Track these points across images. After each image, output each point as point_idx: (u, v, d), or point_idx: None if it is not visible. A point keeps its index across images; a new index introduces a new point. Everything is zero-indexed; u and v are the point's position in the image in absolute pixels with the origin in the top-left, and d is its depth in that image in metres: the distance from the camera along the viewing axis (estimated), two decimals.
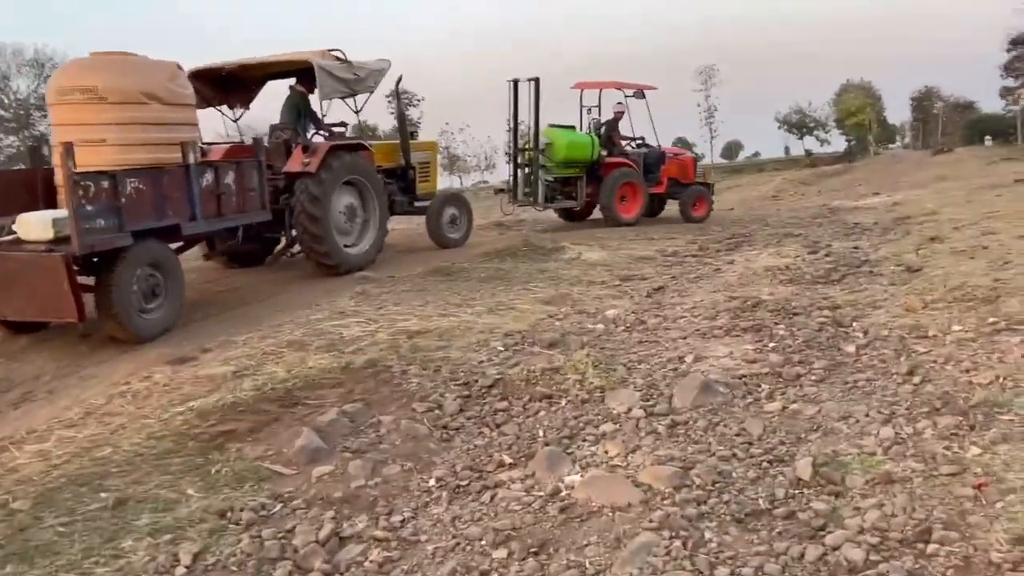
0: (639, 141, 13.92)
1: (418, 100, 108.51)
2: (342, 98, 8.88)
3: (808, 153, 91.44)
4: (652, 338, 5.48)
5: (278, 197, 8.06)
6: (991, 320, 4.74)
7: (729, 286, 6.94)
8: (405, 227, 12.09)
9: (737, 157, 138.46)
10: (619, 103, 13.49)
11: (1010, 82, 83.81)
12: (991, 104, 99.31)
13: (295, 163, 8.03)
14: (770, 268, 7.57)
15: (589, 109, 13.63)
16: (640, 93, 13.49)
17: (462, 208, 10.57)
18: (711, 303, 6.21)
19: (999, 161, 21.37)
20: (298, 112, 8.93)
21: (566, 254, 9.24)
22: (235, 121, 9.67)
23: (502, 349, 5.31)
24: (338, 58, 8.63)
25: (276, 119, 9.03)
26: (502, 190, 13.78)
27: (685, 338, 5.37)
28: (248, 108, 9.60)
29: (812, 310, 5.68)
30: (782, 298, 6.13)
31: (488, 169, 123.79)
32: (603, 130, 13.29)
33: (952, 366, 4.16)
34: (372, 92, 9.16)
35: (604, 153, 12.93)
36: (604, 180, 12.70)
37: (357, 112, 9.36)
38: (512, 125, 13.16)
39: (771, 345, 5.00)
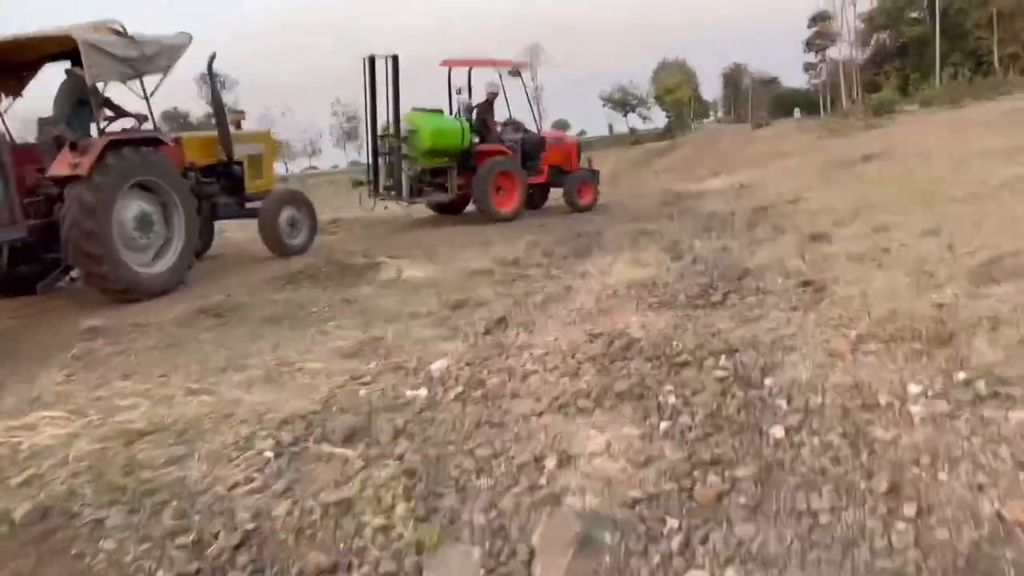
0: (516, 125, 12.63)
1: (232, 83, 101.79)
2: (123, 81, 7.40)
3: (632, 131, 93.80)
4: (495, 416, 3.72)
5: (52, 207, 6.89)
6: (961, 376, 3.37)
7: (587, 314, 5.32)
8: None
9: (537, 125, 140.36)
10: (492, 83, 12.12)
11: (811, 57, 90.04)
12: (793, 79, 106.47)
13: (61, 165, 6.66)
14: (632, 284, 6.06)
15: (459, 90, 12.22)
16: (516, 71, 12.03)
17: (302, 208, 9.28)
18: (569, 345, 4.55)
19: (826, 135, 21.46)
20: (78, 101, 7.21)
21: (383, 273, 7.35)
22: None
23: (272, 455, 3.39)
24: (116, 32, 7.00)
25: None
26: (361, 182, 12.04)
27: (540, 415, 3.64)
28: (19, 96, 8.03)
29: (704, 356, 4.14)
30: (658, 334, 4.56)
31: (314, 155, 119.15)
32: (475, 114, 11.96)
33: (948, 474, 2.70)
34: (166, 73, 7.77)
35: (476, 140, 11.63)
36: (477, 170, 11.35)
37: (147, 98, 7.69)
38: (370, 108, 11.41)
39: (662, 427, 3.36)
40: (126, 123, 7.95)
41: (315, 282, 7.09)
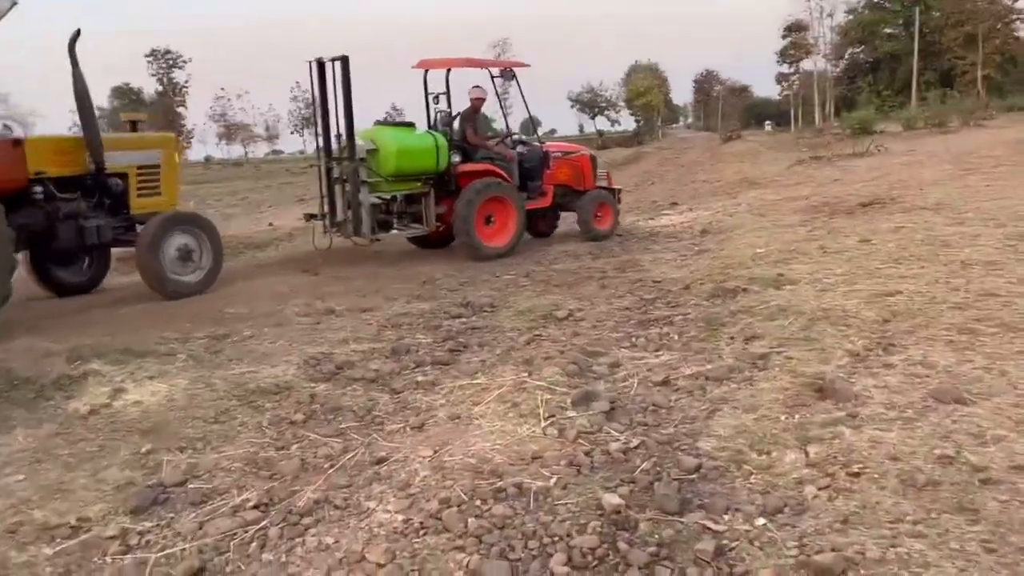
0: (514, 138, 10.26)
1: (184, 62, 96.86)
2: None
3: (600, 133, 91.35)
4: None
5: None
6: None
7: (398, 534, 2.48)
8: None
9: (537, 132, 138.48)
10: (477, 86, 9.69)
11: (784, 68, 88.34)
12: (764, 89, 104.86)
13: None
14: (495, 468, 3.22)
15: (436, 98, 9.61)
16: (509, 72, 9.42)
17: (201, 235, 7.45)
18: None
19: (806, 159, 18.67)
20: None
21: (80, 401, 4.31)
22: None
23: None
24: None
25: None
26: (313, 216, 9.09)
27: None
28: None
29: None
30: None
31: (272, 139, 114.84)
32: (456, 126, 9.55)
33: None
34: None
35: (458, 159, 9.11)
36: (460, 195, 8.88)
37: None
38: (321, 123, 8.89)
39: None
40: None
41: None
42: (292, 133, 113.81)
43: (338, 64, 8.46)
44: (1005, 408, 3.21)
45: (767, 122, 74.72)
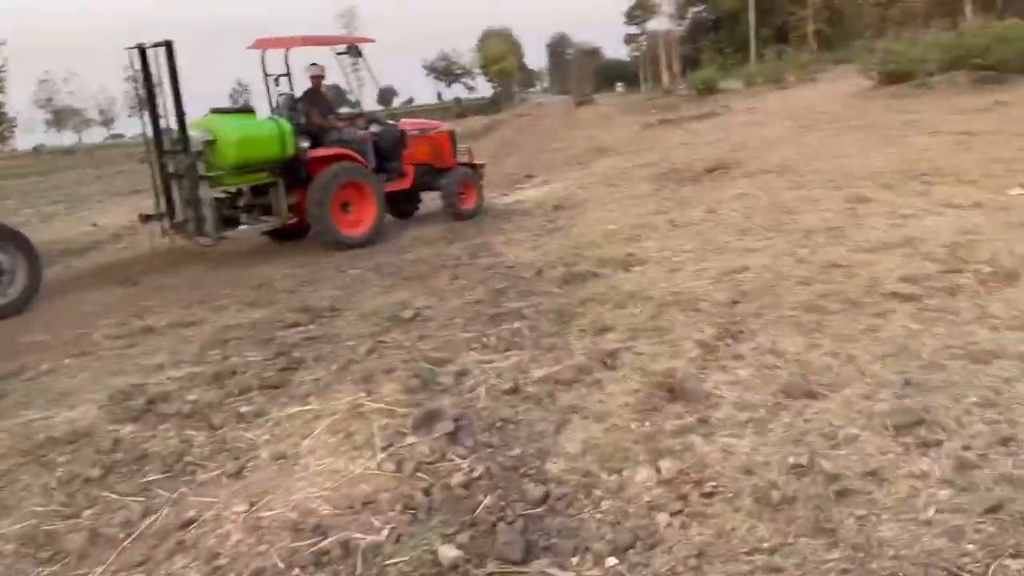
0: (367, 118, 9.64)
1: None
2: None
3: (458, 101, 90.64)
4: None
5: None
6: None
7: None
8: None
9: (392, 104, 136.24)
10: (313, 64, 9.08)
11: (632, 29, 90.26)
12: (615, 51, 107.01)
13: None
14: (320, 522, 2.84)
15: (276, 80, 8.94)
16: (354, 49, 8.72)
17: (15, 252, 6.75)
18: None
19: (654, 122, 18.90)
20: None
21: None
22: None
23: None
24: None
25: None
26: (150, 216, 8.05)
27: None
28: None
29: None
30: None
31: (108, 123, 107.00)
32: (300, 109, 8.83)
33: None
34: None
35: (306, 145, 8.43)
36: (312, 183, 8.24)
37: None
38: (150, 115, 8.05)
39: None
40: None
41: None
42: (130, 116, 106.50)
43: (162, 51, 7.67)
44: (855, 400, 3.08)
45: (618, 84, 76.24)
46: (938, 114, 12.15)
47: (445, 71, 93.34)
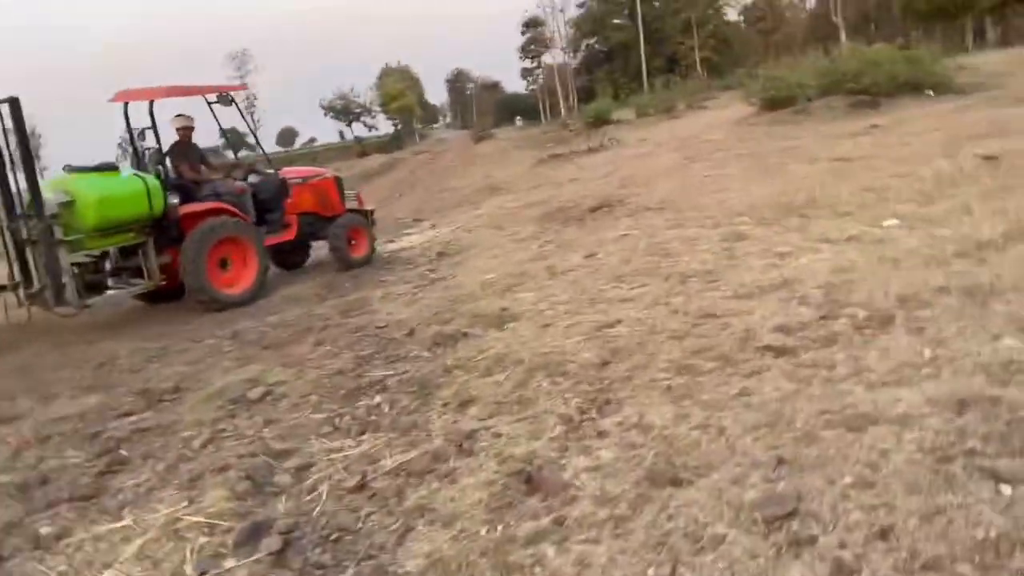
0: (245, 168, 9.19)
1: None
2: None
3: (358, 139, 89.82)
4: None
5: None
6: None
7: None
8: None
9: (294, 144, 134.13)
10: (179, 115, 8.59)
11: (527, 63, 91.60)
12: (514, 84, 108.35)
13: None
14: None
15: (141, 133, 8.40)
16: (226, 97, 8.18)
17: None
18: None
19: (547, 159, 18.79)
20: None
21: None
22: None
23: None
24: None
25: None
26: (3, 287, 7.29)
27: None
28: None
29: None
30: None
31: None
32: (168, 163, 8.36)
33: None
34: None
35: (176, 201, 7.94)
36: (185, 241, 7.77)
37: None
38: None
39: None
40: None
41: None
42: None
43: (5, 107, 7.06)
44: (723, 487, 2.73)
45: (517, 118, 77.09)
46: (816, 140, 12.36)
47: (344, 110, 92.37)
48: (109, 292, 7.74)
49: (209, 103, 8.46)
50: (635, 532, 2.61)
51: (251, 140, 9.69)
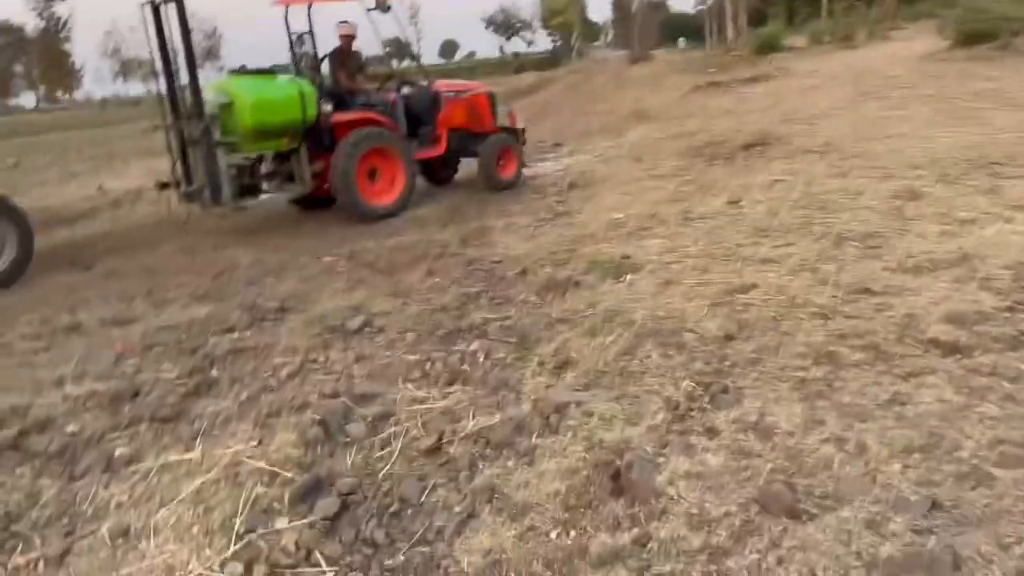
0: (400, 79, 9.00)
1: None
2: None
3: (516, 55, 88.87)
4: None
5: None
6: None
7: None
8: None
9: (454, 57, 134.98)
10: (344, 22, 8.55)
11: None
12: (682, 3, 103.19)
13: None
14: None
15: (299, 37, 8.34)
16: (383, 4, 7.91)
17: (6, 223, 6.48)
18: None
19: (705, 85, 17.52)
20: None
21: None
22: None
23: None
24: None
25: None
26: (166, 184, 7.50)
27: None
28: None
29: None
30: None
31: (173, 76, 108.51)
32: (325, 68, 8.40)
33: None
34: None
35: (329, 108, 7.90)
36: (336, 149, 7.70)
37: None
38: (165, 78, 7.41)
39: None
40: None
41: None
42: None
43: (173, 7, 7.05)
44: (855, 531, 2.16)
45: (680, 39, 73.42)
46: (1021, 83, 10.68)
47: (504, 25, 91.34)
48: (263, 196, 7.84)
49: (367, 9, 8.25)
50: (732, 575, 2.11)
51: (397, 57, 9.33)
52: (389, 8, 8.28)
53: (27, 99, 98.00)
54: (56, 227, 8.90)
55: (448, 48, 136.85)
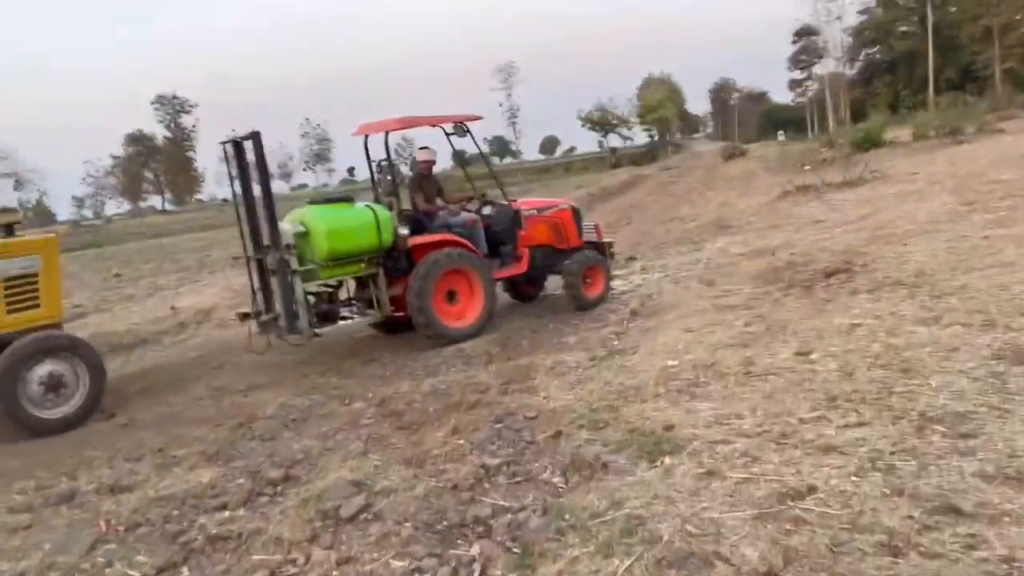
0: (479, 200, 8.97)
1: (190, 107, 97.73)
2: None
3: (613, 151, 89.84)
4: None
5: None
6: None
7: None
8: None
9: (555, 153, 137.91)
10: (424, 148, 8.85)
11: (796, 74, 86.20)
12: (782, 94, 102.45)
13: None
14: None
15: (379, 164, 8.93)
16: (462, 127, 7.99)
17: (75, 362, 6.46)
18: None
19: (795, 190, 16.67)
20: None
21: None
22: None
23: None
24: None
25: None
26: (247, 315, 7.86)
27: None
28: None
29: None
30: None
31: (284, 177, 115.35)
32: (407, 193, 8.65)
33: None
34: None
35: (405, 232, 7.90)
36: (414, 272, 7.70)
37: None
38: (245, 211, 7.60)
39: None
40: None
41: None
42: (304, 170, 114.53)
43: (248, 143, 7.27)
44: None
45: (779, 132, 72.50)
46: None
47: (600, 122, 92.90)
48: (341, 322, 7.76)
49: (447, 133, 8.27)
50: None
51: (498, 154, 9.25)
52: (467, 132, 8.24)
53: (155, 201, 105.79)
54: (111, 357, 8.85)
55: (548, 144, 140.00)
